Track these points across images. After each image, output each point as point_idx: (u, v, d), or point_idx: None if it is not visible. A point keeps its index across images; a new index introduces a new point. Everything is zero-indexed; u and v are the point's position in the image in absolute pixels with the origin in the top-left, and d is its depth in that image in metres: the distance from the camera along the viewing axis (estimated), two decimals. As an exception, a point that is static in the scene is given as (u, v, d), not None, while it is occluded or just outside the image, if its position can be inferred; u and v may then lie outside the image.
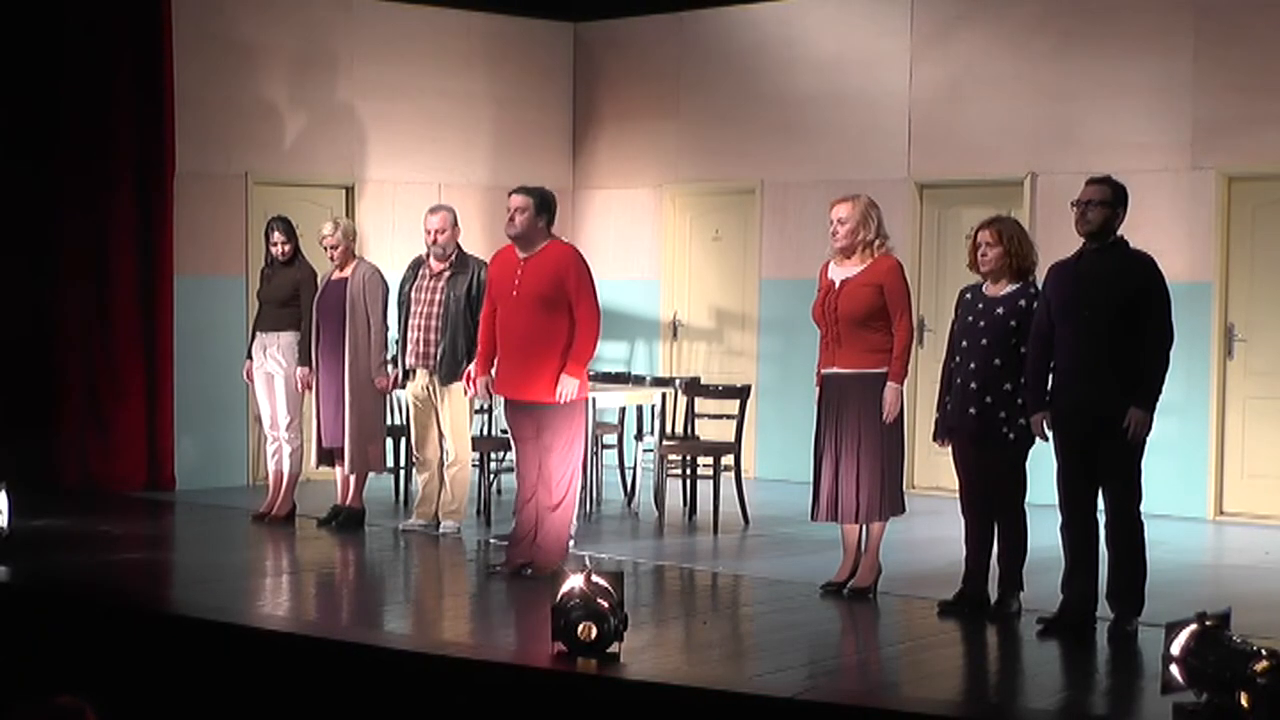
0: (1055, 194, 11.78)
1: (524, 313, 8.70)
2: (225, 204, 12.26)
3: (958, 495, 8.15)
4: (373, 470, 10.46)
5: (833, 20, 13.01)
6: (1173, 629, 5.96)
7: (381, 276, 10.40)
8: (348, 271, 10.35)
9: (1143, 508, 7.51)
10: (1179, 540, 10.40)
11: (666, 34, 13.90)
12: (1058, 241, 11.65)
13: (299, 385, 10.45)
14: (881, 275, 8.25)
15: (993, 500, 7.92)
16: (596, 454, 11.15)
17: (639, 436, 11.55)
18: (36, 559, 9.15)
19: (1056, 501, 7.65)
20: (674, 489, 11.04)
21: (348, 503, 10.46)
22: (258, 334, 10.62)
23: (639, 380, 11.96)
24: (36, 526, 10.01)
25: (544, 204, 8.80)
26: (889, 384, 8.20)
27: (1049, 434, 7.66)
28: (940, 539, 9.54)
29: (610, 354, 13.66)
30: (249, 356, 10.70)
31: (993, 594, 7.98)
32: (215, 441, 12.34)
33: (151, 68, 11.96)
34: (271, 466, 10.69)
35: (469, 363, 9.80)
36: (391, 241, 12.81)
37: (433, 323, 9.99)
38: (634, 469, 11.54)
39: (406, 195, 13.00)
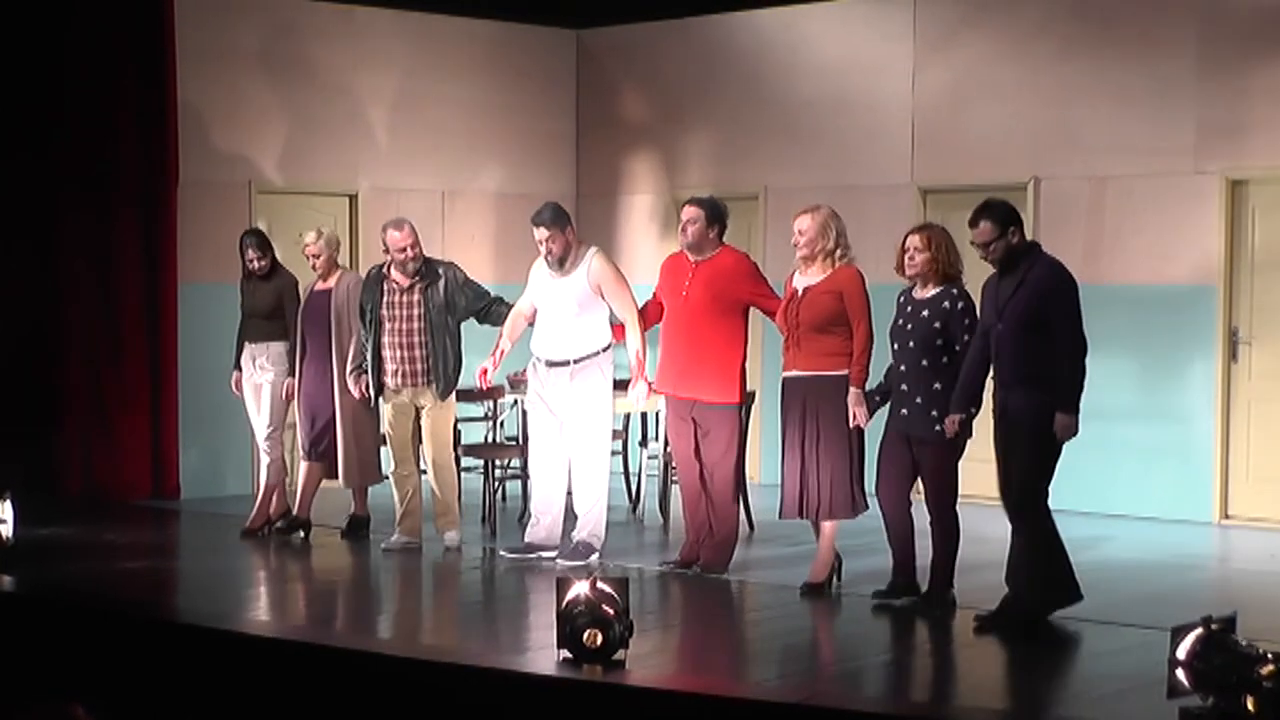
0: (1058, 198, 11.79)
1: (691, 313, 9.11)
2: (229, 212, 12.26)
3: (875, 490, 8.40)
4: (370, 481, 10.34)
5: (836, 26, 13.01)
6: (1179, 633, 5.96)
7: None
8: (331, 282, 10.19)
9: (1051, 503, 7.86)
10: (1184, 544, 10.41)
11: (670, 41, 13.90)
12: (1061, 246, 11.63)
13: (284, 395, 10.34)
14: (842, 284, 8.55)
15: (926, 500, 8.19)
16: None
17: (643, 443, 11.54)
18: (41, 568, 9.15)
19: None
20: (678, 495, 11.02)
21: (352, 510, 10.38)
22: (246, 345, 10.52)
23: (649, 389, 11.92)
24: (41, 535, 10.00)
25: (715, 213, 9.17)
26: (851, 389, 8.47)
27: (955, 433, 7.95)
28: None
29: (614, 360, 13.67)
30: (237, 368, 10.61)
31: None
32: (220, 450, 12.34)
33: (154, 77, 11.96)
34: (263, 478, 10.61)
35: (459, 374, 9.80)
36: (395, 249, 12.78)
37: (414, 339, 9.73)
38: (638, 475, 11.53)
39: (410, 203, 12.99)
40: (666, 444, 10.85)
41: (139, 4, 11.95)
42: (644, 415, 11.48)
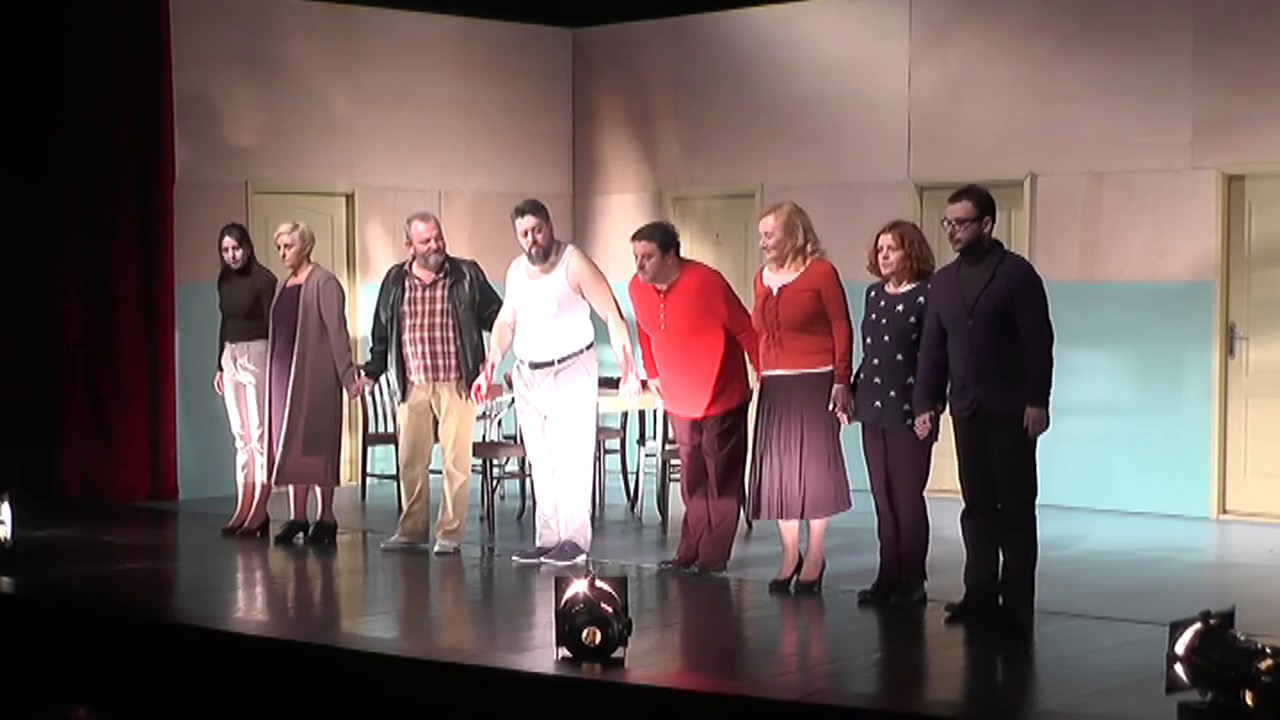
0: (1055, 195, 11.80)
1: (675, 342, 9.07)
2: (226, 212, 12.21)
3: (869, 488, 8.40)
4: (312, 483, 10.17)
5: (831, 23, 13.01)
6: (1177, 628, 5.96)
7: (338, 283, 10.22)
8: (301, 278, 10.10)
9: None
10: (1182, 539, 10.42)
11: (665, 39, 13.89)
12: (1058, 242, 11.73)
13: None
14: (817, 281, 8.55)
15: (894, 491, 8.22)
16: (599, 459, 11.13)
17: (641, 441, 11.54)
18: (40, 569, 9.16)
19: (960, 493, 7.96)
20: (676, 493, 11.03)
21: (319, 516, 10.24)
22: (226, 345, 10.47)
23: (641, 385, 11.93)
24: (40, 537, 10.01)
25: (666, 241, 9.04)
26: (836, 385, 8.47)
27: (928, 432, 7.99)
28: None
29: (612, 358, 13.67)
30: (219, 368, 10.56)
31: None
32: (218, 451, 12.28)
33: (151, 77, 11.96)
34: (240, 478, 10.57)
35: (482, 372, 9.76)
36: (392, 249, 12.80)
37: (437, 334, 9.70)
38: (636, 474, 11.53)
39: (407, 203, 12.96)
40: (664, 443, 10.88)
41: (136, 5, 11.95)
42: (641, 414, 11.48)
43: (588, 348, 9.48)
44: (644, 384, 9.58)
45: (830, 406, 8.47)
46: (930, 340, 7.94)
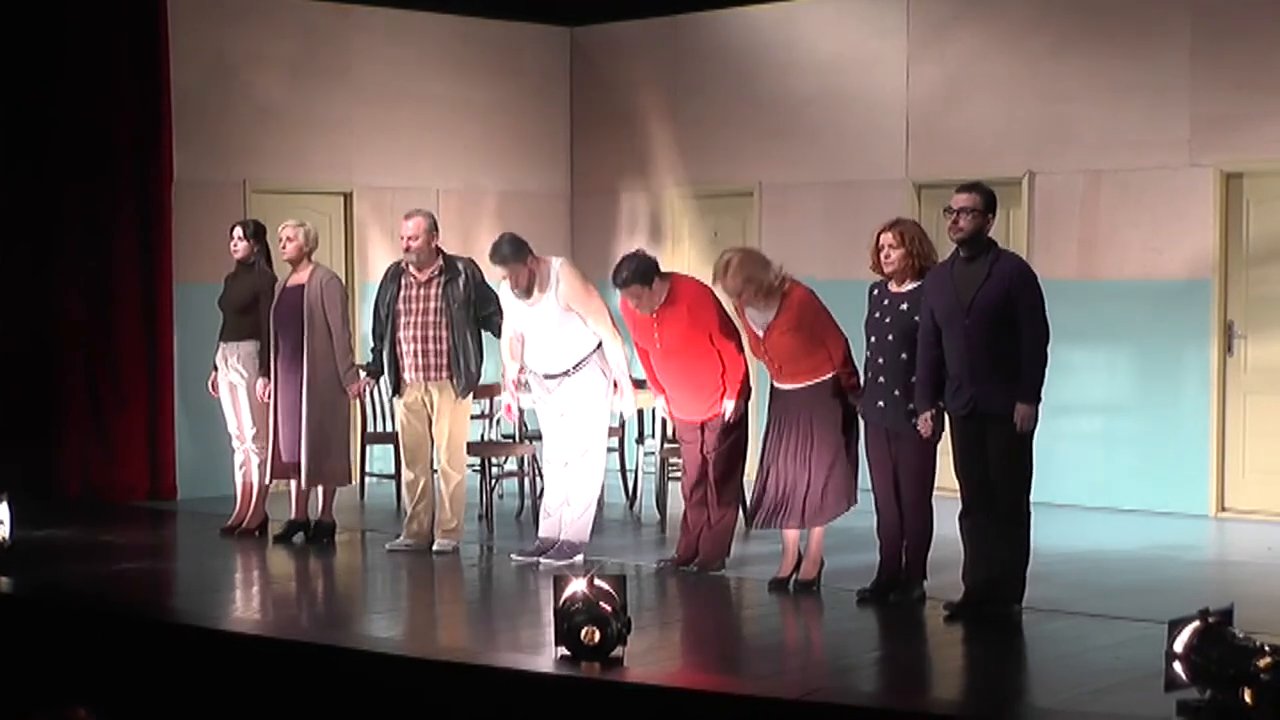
0: (1054, 193, 11.80)
1: (673, 357, 9.07)
2: (224, 212, 12.22)
3: (870, 489, 8.41)
4: (333, 484, 10.18)
5: (829, 22, 13.01)
6: (1176, 626, 5.97)
7: (340, 282, 10.20)
8: (304, 277, 10.04)
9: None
10: (1181, 537, 10.42)
11: (663, 37, 13.89)
12: (1056, 240, 11.73)
13: (262, 397, 10.19)
14: (797, 315, 8.54)
15: (901, 490, 8.20)
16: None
17: (640, 440, 11.54)
18: (39, 569, 9.16)
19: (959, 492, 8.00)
20: (675, 492, 11.04)
21: (319, 515, 10.23)
22: (220, 344, 10.44)
23: (640, 384, 11.93)
24: (39, 537, 10.01)
25: (648, 275, 8.99)
26: (850, 396, 8.49)
27: (933, 430, 7.99)
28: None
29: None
30: (214, 368, 10.54)
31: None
32: (217, 450, 12.28)
33: (150, 76, 11.96)
34: (239, 478, 10.55)
35: (480, 373, 9.74)
36: (390, 248, 12.79)
37: (429, 333, 9.65)
38: (635, 472, 11.54)
39: (404, 202, 12.91)
40: (663, 442, 10.88)
41: (135, 5, 11.95)
42: (640, 413, 11.47)
43: (599, 346, 9.46)
44: (641, 384, 9.59)
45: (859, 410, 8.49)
46: (927, 338, 7.94)
